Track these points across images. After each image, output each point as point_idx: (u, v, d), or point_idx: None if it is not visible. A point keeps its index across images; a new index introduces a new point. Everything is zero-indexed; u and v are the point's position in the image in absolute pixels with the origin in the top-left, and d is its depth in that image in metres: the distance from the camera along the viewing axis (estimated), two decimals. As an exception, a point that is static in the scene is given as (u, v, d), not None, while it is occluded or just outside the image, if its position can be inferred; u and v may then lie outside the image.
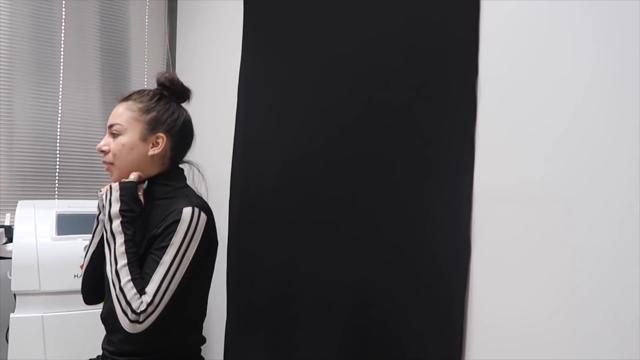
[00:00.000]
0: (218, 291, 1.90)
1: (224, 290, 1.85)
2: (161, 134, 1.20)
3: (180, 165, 1.29)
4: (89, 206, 2.03)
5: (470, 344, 1.06)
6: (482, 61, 1.06)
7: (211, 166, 1.98)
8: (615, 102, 0.85)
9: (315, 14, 1.49)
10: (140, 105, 1.20)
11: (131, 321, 1.04)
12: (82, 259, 1.31)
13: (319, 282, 1.41)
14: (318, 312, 1.41)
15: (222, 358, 1.85)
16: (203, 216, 1.14)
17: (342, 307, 1.34)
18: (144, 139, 1.19)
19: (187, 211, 1.11)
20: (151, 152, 1.19)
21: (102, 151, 1.20)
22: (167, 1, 2.55)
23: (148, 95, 1.22)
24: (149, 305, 1.05)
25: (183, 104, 1.29)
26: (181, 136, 1.25)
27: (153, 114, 1.20)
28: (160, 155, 1.21)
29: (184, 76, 1.30)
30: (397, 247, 1.21)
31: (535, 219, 0.95)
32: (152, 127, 1.20)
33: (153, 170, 1.22)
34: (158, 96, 1.23)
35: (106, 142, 1.20)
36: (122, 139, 1.18)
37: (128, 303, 1.04)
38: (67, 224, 1.90)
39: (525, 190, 0.97)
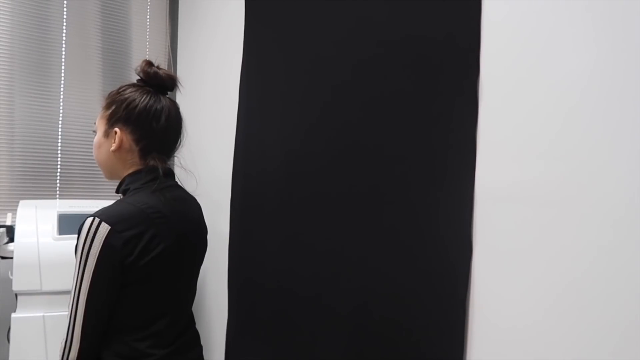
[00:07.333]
0: (219, 291, 1.89)
1: (224, 290, 1.84)
2: (116, 127, 1.12)
3: (178, 170, 1.24)
4: (90, 206, 2.03)
5: (472, 342, 1.05)
6: (483, 60, 1.06)
7: (212, 166, 1.98)
8: (616, 101, 0.84)
9: (316, 12, 1.49)
10: (104, 103, 1.16)
11: None
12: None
13: (321, 282, 1.41)
14: (320, 312, 1.41)
15: (223, 359, 1.84)
16: (104, 226, 0.99)
17: (344, 307, 1.33)
18: (107, 135, 1.14)
19: (86, 223, 1.01)
20: (112, 148, 1.13)
21: None
22: (168, 1, 2.55)
23: (117, 89, 1.16)
24: (64, 345, 1.02)
25: (170, 94, 1.19)
26: (141, 124, 1.11)
27: (113, 107, 1.13)
28: (124, 150, 1.12)
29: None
30: (399, 246, 1.20)
31: (536, 218, 0.95)
32: (112, 122, 1.13)
33: (124, 169, 1.14)
34: (127, 88, 1.14)
35: None
36: (94, 139, 1.18)
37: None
38: (69, 224, 1.89)
39: (527, 189, 0.97)
